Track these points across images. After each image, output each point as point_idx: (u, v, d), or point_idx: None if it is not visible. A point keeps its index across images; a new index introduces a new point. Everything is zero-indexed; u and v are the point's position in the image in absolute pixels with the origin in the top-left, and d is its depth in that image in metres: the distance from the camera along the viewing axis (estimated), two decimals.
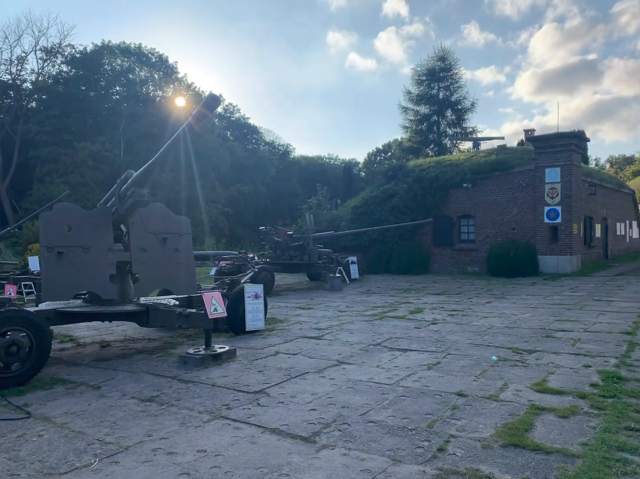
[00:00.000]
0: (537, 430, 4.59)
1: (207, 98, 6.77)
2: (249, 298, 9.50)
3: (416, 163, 27.32)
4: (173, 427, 4.87)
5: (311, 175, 61.66)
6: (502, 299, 14.10)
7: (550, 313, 11.27)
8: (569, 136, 21.42)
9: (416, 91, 39.69)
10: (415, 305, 13.18)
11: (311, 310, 12.98)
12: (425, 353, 7.73)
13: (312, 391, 5.93)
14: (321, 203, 30.14)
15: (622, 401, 5.27)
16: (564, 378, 6.23)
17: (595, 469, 3.78)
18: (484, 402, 5.39)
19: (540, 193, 21.38)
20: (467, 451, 4.19)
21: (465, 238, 24.03)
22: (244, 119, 63.38)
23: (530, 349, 7.83)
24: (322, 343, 8.71)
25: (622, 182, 36.39)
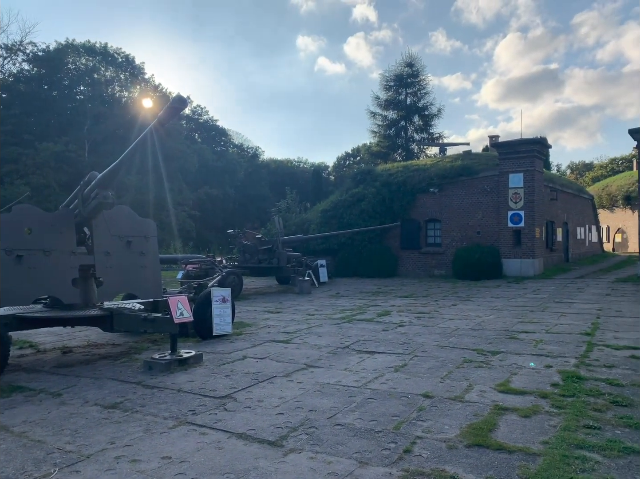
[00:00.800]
0: (500, 430, 4.68)
1: (173, 100, 6.69)
2: (216, 302, 9.40)
3: (384, 168, 27.61)
4: (137, 434, 4.77)
5: (280, 179, 61.56)
6: (467, 301, 14.36)
7: (513, 315, 11.53)
8: (532, 142, 22.02)
9: (384, 96, 40.17)
10: (383, 308, 13.29)
11: (280, 313, 12.93)
12: (393, 356, 7.80)
13: (279, 395, 5.90)
14: (290, 207, 30.15)
15: (581, 400, 5.43)
16: (526, 378, 6.39)
17: (555, 466, 3.88)
18: (450, 403, 5.47)
19: (504, 198, 21.89)
20: (432, 452, 4.24)
21: (432, 241, 24.38)
22: (212, 121, 62.88)
23: (494, 350, 7.99)
24: (290, 346, 8.69)
25: (582, 188, 37.61)
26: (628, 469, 3.85)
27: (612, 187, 45.07)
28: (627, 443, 4.31)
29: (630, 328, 9.52)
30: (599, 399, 5.46)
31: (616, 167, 63.51)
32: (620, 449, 4.16)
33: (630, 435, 4.49)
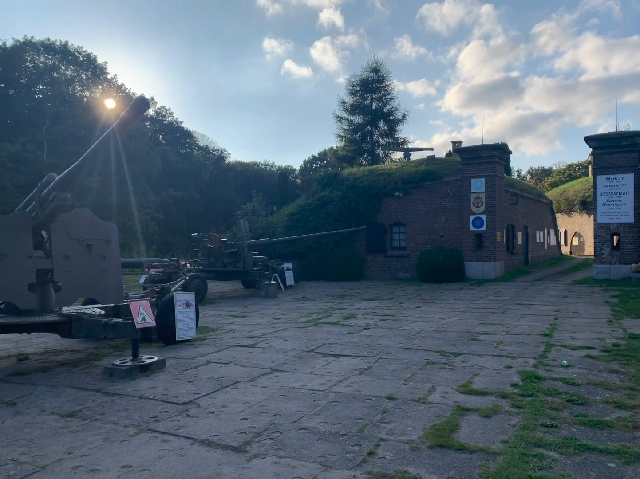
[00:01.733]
0: (462, 430, 4.77)
1: (135, 101, 6.57)
2: (179, 307, 9.25)
3: (351, 172, 27.79)
4: (96, 443, 4.65)
5: (246, 181, 61.21)
6: (431, 304, 14.58)
7: (475, 317, 11.77)
8: (493, 148, 22.58)
9: (350, 101, 40.46)
10: (349, 311, 13.35)
11: (245, 317, 12.83)
12: (358, 358, 7.84)
13: (244, 400, 5.85)
14: (256, 210, 29.97)
15: (539, 400, 5.58)
16: (487, 379, 6.53)
17: (514, 465, 3.97)
18: (413, 405, 5.54)
19: (467, 202, 22.36)
20: (396, 453, 4.28)
21: (397, 245, 24.68)
22: (177, 123, 61.98)
23: (456, 352, 8.13)
24: (255, 351, 8.63)
25: (541, 193, 38.77)
26: (583, 466, 3.98)
27: (569, 192, 46.65)
28: (582, 440, 4.45)
29: (586, 329, 9.85)
30: (556, 398, 5.62)
31: (573, 173, 65.77)
32: (576, 447, 4.30)
33: (585, 433, 4.64)
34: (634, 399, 5.54)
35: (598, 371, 6.76)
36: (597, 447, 4.29)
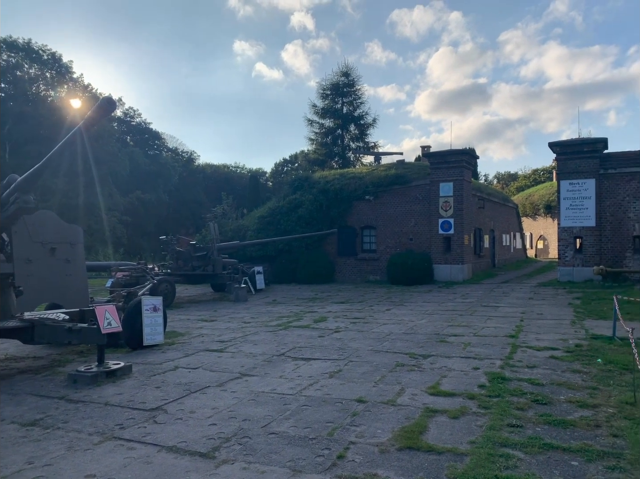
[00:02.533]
0: (430, 432, 4.81)
1: (102, 101, 6.44)
2: (147, 311, 9.09)
3: (322, 175, 27.86)
4: (59, 452, 4.51)
5: (216, 184, 60.66)
6: (400, 306, 14.71)
7: (444, 319, 11.93)
8: (461, 153, 22.99)
9: (321, 105, 40.59)
10: (319, 314, 13.36)
11: (214, 322, 12.69)
12: (328, 361, 7.84)
13: (212, 405, 5.78)
14: (226, 213, 29.68)
15: (505, 400, 5.69)
16: (455, 380, 6.61)
17: (481, 465, 4.03)
18: (382, 407, 5.57)
19: (435, 206, 22.69)
20: (365, 456, 4.29)
21: (368, 248, 24.84)
22: (145, 124, 60.99)
23: (425, 354, 8.22)
24: (224, 355, 8.54)
25: (507, 197, 39.63)
26: (547, 464, 4.07)
27: (534, 196, 47.83)
28: (546, 439, 4.55)
29: (551, 330, 10.10)
30: (522, 398, 5.74)
31: (538, 178, 67.48)
32: (540, 446, 4.39)
33: (549, 432, 4.75)
34: (596, 398, 5.70)
35: (561, 371, 6.93)
36: (561, 446, 4.40)
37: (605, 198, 19.81)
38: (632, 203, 19.43)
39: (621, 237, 19.58)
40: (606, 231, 19.79)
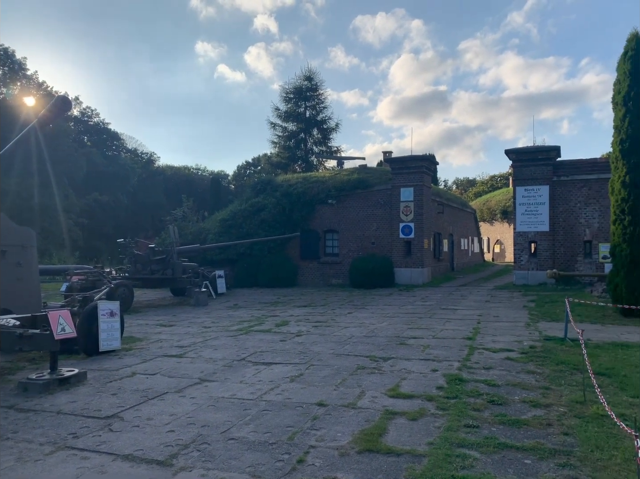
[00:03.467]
0: (390, 434, 4.87)
1: (56, 100, 6.25)
2: (103, 316, 8.85)
3: (285, 179, 27.82)
4: (7, 463, 4.33)
5: (177, 186, 59.59)
6: (362, 309, 14.83)
7: (404, 322, 12.10)
8: (421, 159, 23.42)
9: (284, 108, 40.53)
10: (281, 318, 13.31)
11: (173, 327, 12.47)
12: (289, 366, 7.82)
13: (170, 411, 5.67)
14: (187, 215, 29.22)
15: (462, 401, 5.81)
16: (414, 382, 6.71)
17: (438, 466, 4.10)
18: (343, 410, 5.59)
19: (396, 210, 23.02)
20: (325, 460, 4.29)
21: (330, 251, 24.95)
22: (103, 124, 59.42)
23: (385, 356, 8.31)
24: (183, 361, 8.40)
25: (465, 202, 40.59)
26: (502, 463, 4.18)
27: (491, 202, 49.15)
28: (501, 439, 4.67)
29: (506, 332, 10.38)
30: (478, 399, 5.88)
31: (495, 184, 69.38)
32: (496, 446, 4.51)
33: (504, 431, 4.88)
34: (548, 398, 5.89)
35: (516, 372, 7.14)
36: (515, 445, 4.52)
37: (558, 204, 20.55)
38: (583, 209, 20.24)
39: (573, 242, 20.36)
40: (559, 236, 20.53)
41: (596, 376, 5.68)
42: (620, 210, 12.18)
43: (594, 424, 4.97)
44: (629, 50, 12.25)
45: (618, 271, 12.17)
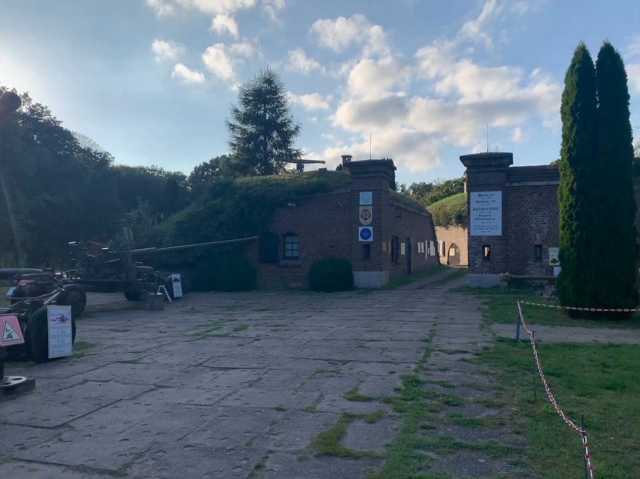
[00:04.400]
0: (348, 437, 4.89)
1: (3, 97, 5.99)
2: (53, 322, 8.52)
3: (243, 181, 27.61)
4: None
5: (132, 187, 58.17)
6: (321, 313, 14.87)
7: (362, 325, 12.20)
8: (380, 164, 23.74)
9: (243, 110, 40.22)
10: (239, 322, 13.18)
11: (128, 332, 12.14)
12: (248, 370, 7.75)
13: (124, 419, 5.51)
14: (142, 217, 28.51)
15: (419, 403, 5.91)
16: (372, 385, 6.78)
17: (396, 467, 4.15)
18: (302, 414, 5.58)
19: (355, 214, 23.24)
20: (284, 465, 4.27)
21: (290, 255, 24.91)
22: (54, 122, 57.36)
23: (344, 359, 8.36)
24: (138, 367, 8.18)
25: (422, 207, 41.38)
26: (457, 463, 4.27)
27: (447, 206, 50.32)
28: (456, 439, 4.77)
29: (461, 334, 10.63)
30: (434, 400, 5.99)
31: (451, 189, 71.14)
32: (451, 446, 4.60)
33: (459, 432, 4.98)
34: (501, 398, 6.06)
35: (471, 373, 7.32)
36: (470, 444, 4.63)
37: (510, 209, 21.25)
38: (533, 214, 20.99)
39: (524, 246, 21.08)
40: (511, 240, 21.22)
41: (546, 376, 5.89)
42: (569, 216, 12.70)
43: (544, 423, 5.14)
44: (576, 62, 12.82)
45: (566, 275, 12.68)
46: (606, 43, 12.68)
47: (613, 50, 12.54)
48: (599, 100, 12.51)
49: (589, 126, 12.42)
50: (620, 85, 12.37)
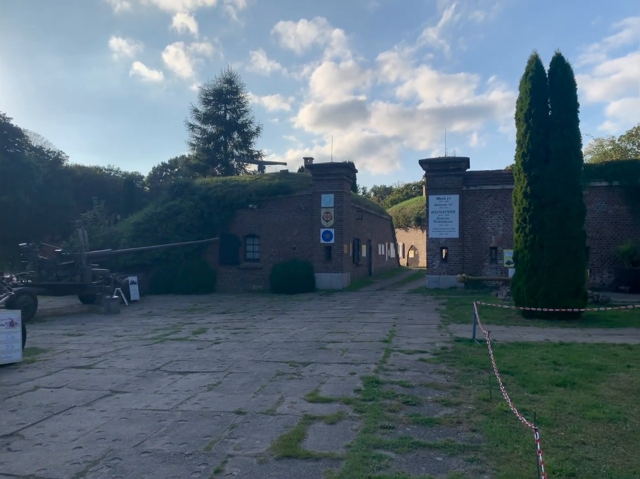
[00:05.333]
0: (309, 439, 4.90)
1: None
2: (2, 326, 8.17)
3: (203, 182, 27.22)
4: None
5: (87, 187, 56.44)
6: (282, 315, 14.82)
7: (324, 326, 12.24)
8: (341, 166, 23.90)
9: (203, 110, 39.68)
10: (199, 326, 12.99)
11: (82, 336, 11.77)
12: (207, 374, 7.65)
13: (78, 426, 5.34)
14: (98, 218, 27.72)
15: (379, 403, 5.97)
16: (333, 386, 6.81)
17: (355, 468, 4.18)
18: (262, 417, 5.55)
19: (317, 216, 23.31)
20: (243, 469, 4.24)
21: (251, 257, 24.73)
22: (4, 119, 55.03)
23: (305, 361, 8.36)
24: (93, 372, 7.95)
25: (382, 209, 41.89)
26: (415, 462, 4.34)
27: (406, 209, 51.11)
28: (415, 438, 4.85)
29: (420, 334, 10.82)
30: (394, 400, 6.07)
31: (410, 192, 72.26)
32: (410, 445, 4.67)
33: (418, 431, 5.07)
34: (458, 397, 6.20)
35: (429, 372, 7.45)
36: (428, 443, 4.72)
37: (467, 212, 21.78)
38: (489, 217, 21.59)
39: (480, 248, 21.65)
40: (468, 242, 21.75)
41: (501, 374, 6.06)
42: (522, 219, 13.12)
43: (498, 420, 5.29)
44: (530, 71, 13.27)
45: (520, 276, 13.09)
46: (557, 53, 13.17)
47: (564, 60, 13.04)
48: (551, 107, 12.98)
49: (542, 132, 12.87)
50: (570, 94, 12.87)
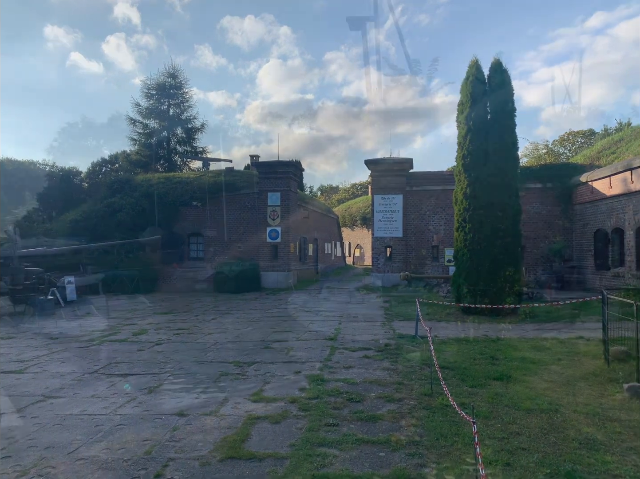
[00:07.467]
0: (252, 439, 4.84)
1: None
2: None
3: (145, 178, 26.42)
4: None
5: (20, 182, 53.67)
6: (227, 315, 14.61)
7: (269, 326, 12.17)
8: (288, 165, 23.84)
9: (146, 104, 38.51)
10: (139, 326, 12.59)
11: (12, 339, 11.15)
12: (148, 376, 7.42)
13: (7, 435, 5.04)
14: (31, 215, 26.36)
15: (323, 401, 5.99)
16: (278, 385, 6.77)
17: (299, 467, 4.18)
18: (205, 419, 5.44)
19: (263, 215, 23.16)
20: (185, 472, 4.14)
21: (195, 256, 24.25)
22: None
23: (250, 361, 8.28)
24: (24, 377, 7.54)
25: (329, 208, 42.17)
26: (359, 458, 4.38)
27: (353, 208, 51.72)
28: (359, 435, 4.90)
29: (365, 331, 10.96)
30: (338, 398, 6.11)
31: (356, 192, 73.14)
32: (354, 442, 4.71)
33: (361, 427, 5.12)
34: (401, 392, 6.32)
35: (373, 369, 7.56)
36: (371, 439, 4.77)
37: (410, 212, 22.27)
38: (431, 217, 22.18)
39: (423, 247, 22.20)
40: (411, 241, 22.26)
41: (442, 369, 6.23)
42: (462, 219, 13.54)
43: (439, 414, 5.43)
44: (470, 75, 13.71)
45: (460, 274, 13.51)
46: (496, 59, 13.68)
47: (502, 65, 13.55)
48: (490, 111, 13.47)
49: (481, 135, 13.33)
50: (508, 99, 13.40)
